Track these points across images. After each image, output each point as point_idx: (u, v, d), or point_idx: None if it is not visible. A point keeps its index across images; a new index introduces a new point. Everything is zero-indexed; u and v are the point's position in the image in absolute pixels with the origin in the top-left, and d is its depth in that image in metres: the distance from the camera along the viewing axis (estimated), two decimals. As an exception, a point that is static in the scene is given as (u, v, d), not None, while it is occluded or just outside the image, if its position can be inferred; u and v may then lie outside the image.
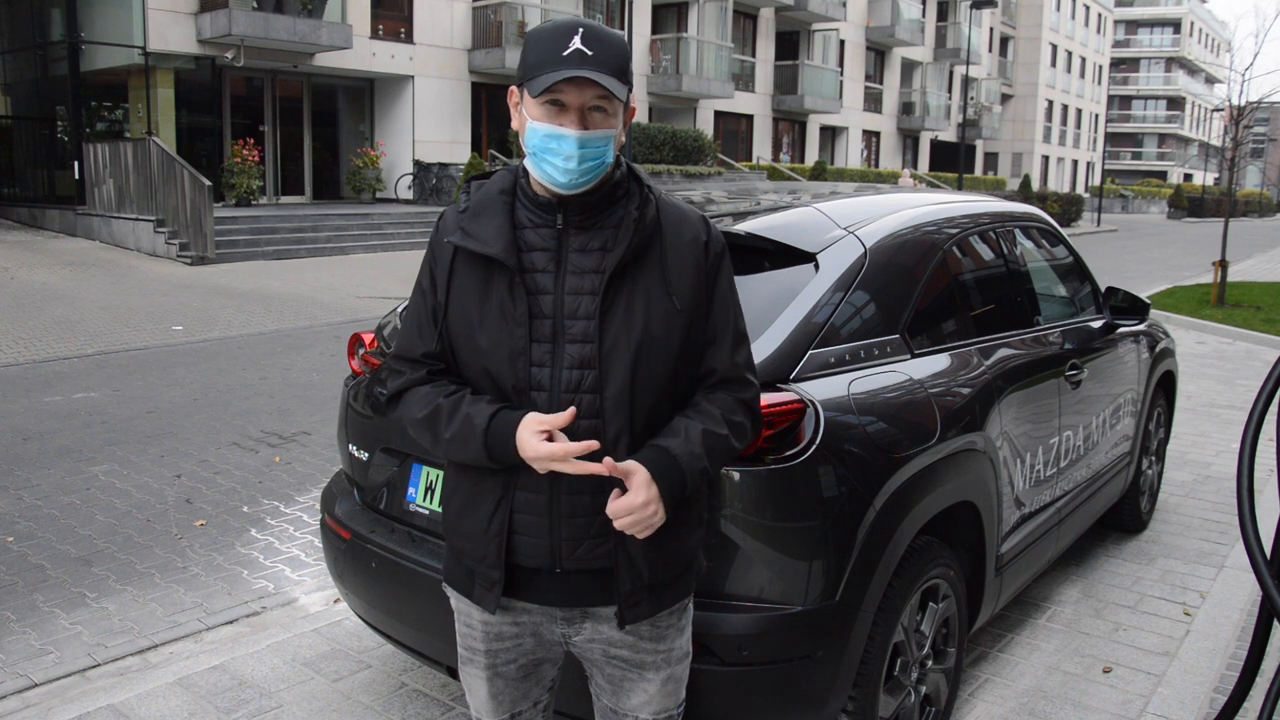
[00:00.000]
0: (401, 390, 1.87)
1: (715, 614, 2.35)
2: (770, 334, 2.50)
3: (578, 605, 1.85)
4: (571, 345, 1.74)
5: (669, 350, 1.77)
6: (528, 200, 1.80)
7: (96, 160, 17.84)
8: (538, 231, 1.78)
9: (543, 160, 1.72)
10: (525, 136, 1.75)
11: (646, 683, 1.93)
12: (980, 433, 3.00)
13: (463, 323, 1.80)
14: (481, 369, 1.79)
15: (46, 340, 9.97)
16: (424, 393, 1.82)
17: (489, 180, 1.88)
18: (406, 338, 1.88)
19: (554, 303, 1.74)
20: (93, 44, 18.48)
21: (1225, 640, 3.76)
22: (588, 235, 1.77)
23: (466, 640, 1.97)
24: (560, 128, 1.69)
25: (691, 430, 1.77)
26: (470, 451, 1.75)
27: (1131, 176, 77.92)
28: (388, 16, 22.06)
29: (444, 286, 1.82)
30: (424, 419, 1.80)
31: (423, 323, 1.85)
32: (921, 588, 2.75)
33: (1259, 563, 1.80)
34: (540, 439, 1.67)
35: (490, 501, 1.81)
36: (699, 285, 1.81)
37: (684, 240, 1.83)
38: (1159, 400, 5.02)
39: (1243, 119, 16.44)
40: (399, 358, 1.88)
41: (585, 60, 1.67)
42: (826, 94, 33.73)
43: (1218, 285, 14.63)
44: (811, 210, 2.96)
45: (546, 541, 1.79)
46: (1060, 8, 53.73)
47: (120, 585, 4.26)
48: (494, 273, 1.77)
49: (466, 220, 1.81)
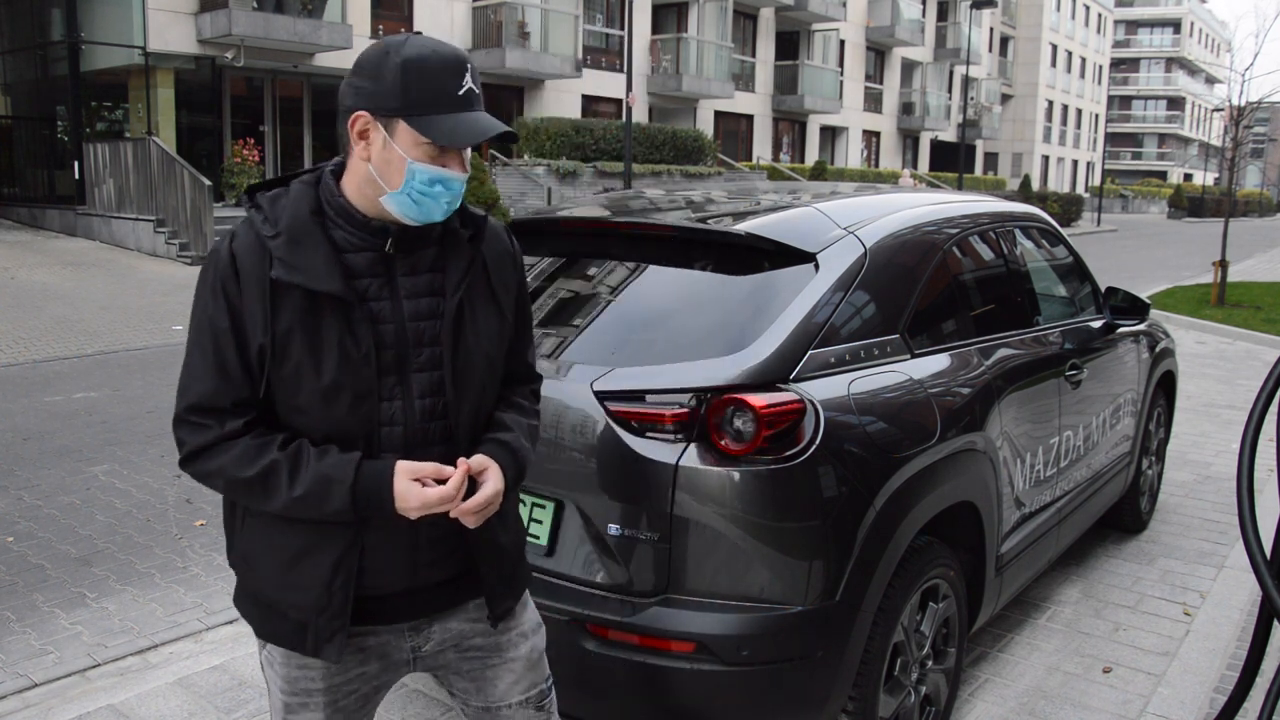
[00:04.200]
0: (209, 445, 1.61)
1: (715, 614, 2.36)
2: (770, 334, 2.50)
3: (429, 614, 1.81)
4: (419, 374, 1.67)
5: (500, 364, 1.81)
6: (346, 221, 1.65)
7: (96, 160, 17.83)
8: (361, 255, 1.65)
9: (421, 203, 1.61)
10: (395, 174, 1.60)
11: (511, 663, 1.91)
12: (980, 433, 3.00)
13: (290, 366, 1.60)
14: (311, 416, 1.63)
15: (46, 340, 9.97)
16: (245, 446, 1.61)
17: (289, 197, 1.66)
18: (205, 385, 1.61)
19: (395, 332, 1.65)
20: (93, 44, 18.48)
21: (1225, 640, 3.76)
22: (413, 257, 1.69)
23: (299, 684, 1.78)
24: (450, 172, 1.61)
25: (518, 424, 1.83)
26: (327, 508, 1.60)
27: (1131, 176, 77.91)
28: (388, 16, 22.08)
29: (258, 324, 1.59)
30: (254, 477, 1.59)
31: (228, 365, 1.60)
32: (921, 588, 2.75)
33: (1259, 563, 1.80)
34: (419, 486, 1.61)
35: (334, 550, 1.67)
36: (515, 297, 1.84)
37: (500, 254, 1.82)
38: (1159, 400, 5.02)
39: (1243, 119, 16.44)
40: (198, 409, 1.62)
41: (474, 101, 1.61)
42: (826, 94, 33.72)
43: (1218, 285, 14.63)
44: (811, 210, 2.96)
45: (406, 567, 1.73)
46: (1060, 8, 53.72)
47: (120, 585, 4.25)
48: (324, 308, 1.60)
49: (282, 249, 1.59)
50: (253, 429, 1.63)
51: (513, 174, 21.03)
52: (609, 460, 2.42)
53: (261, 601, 1.75)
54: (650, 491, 2.37)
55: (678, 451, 2.36)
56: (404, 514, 1.62)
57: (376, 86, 1.59)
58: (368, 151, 1.62)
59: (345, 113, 1.63)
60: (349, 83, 1.62)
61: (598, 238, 3.11)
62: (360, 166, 1.63)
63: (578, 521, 2.50)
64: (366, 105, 1.60)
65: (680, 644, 2.35)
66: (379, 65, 1.59)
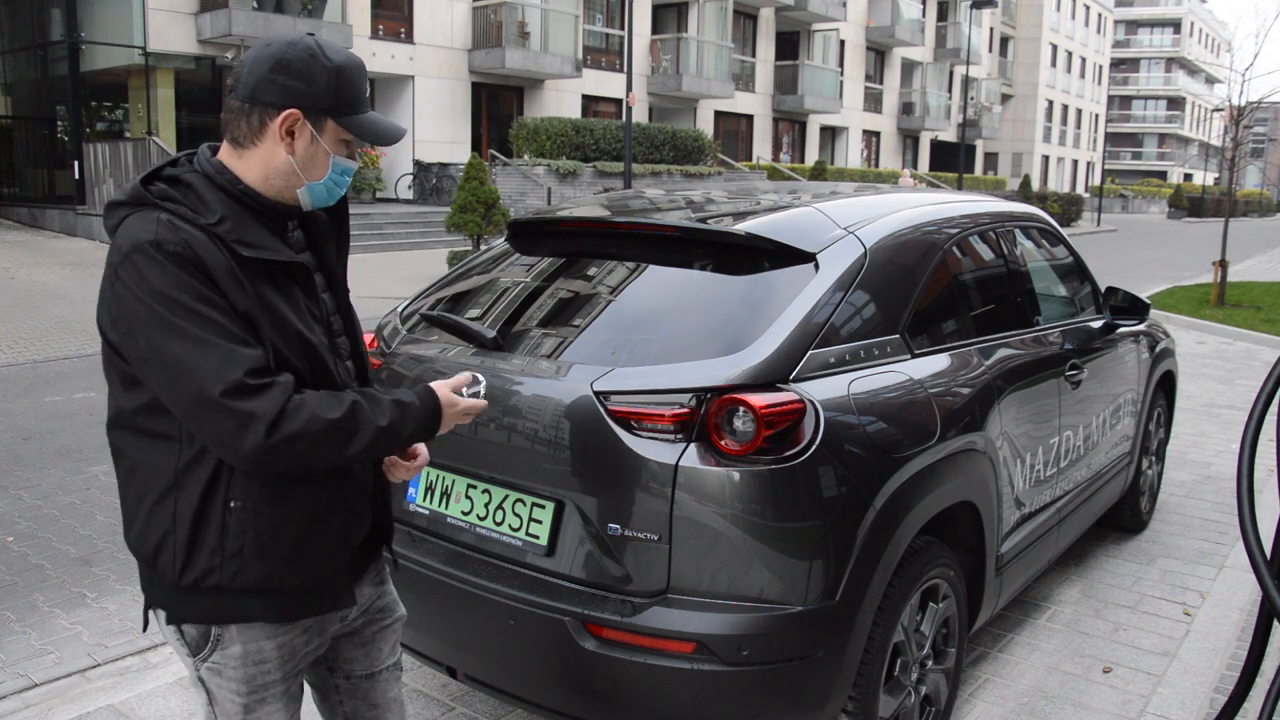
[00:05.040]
0: (286, 401, 1.58)
1: (715, 614, 2.36)
2: (770, 334, 2.50)
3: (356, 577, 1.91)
4: (339, 339, 1.87)
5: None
6: (258, 204, 1.73)
7: (96, 160, 17.84)
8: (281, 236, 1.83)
9: (332, 191, 1.80)
10: (319, 166, 1.75)
11: (396, 623, 2.06)
12: (980, 433, 3.00)
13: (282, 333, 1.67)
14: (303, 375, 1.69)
15: (46, 340, 9.97)
16: (316, 396, 1.64)
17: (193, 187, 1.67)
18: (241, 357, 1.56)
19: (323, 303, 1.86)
20: (93, 44, 18.49)
21: (1225, 640, 3.76)
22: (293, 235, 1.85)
23: (257, 681, 1.78)
24: (354, 163, 1.82)
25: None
26: (404, 433, 1.73)
27: (1131, 176, 77.91)
28: (388, 16, 22.08)
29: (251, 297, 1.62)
30: (344, 417, 1.62)
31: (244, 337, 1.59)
32: (921, 588, 2.75)
33: (1259, 563, 1.80)
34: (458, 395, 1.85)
35: (343, 508, 1.80)
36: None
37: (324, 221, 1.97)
38: (1159, 400, 5.02)
39: (1243, 119, 16.43)
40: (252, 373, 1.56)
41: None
42: (826, 94, 33.73)
43: (1218, 285, 14.63)
44: (811, 210, 2.96)
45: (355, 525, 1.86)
46: (1060, 8, 53.72)
47: (120, 585, 4.25)
48: (280, 278, 1.71)
49: (234, 232, 1.64)
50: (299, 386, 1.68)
51: (513, 174, 21.03)
52: (609, 460, 2.42)
53: (268, 588, 1.70)
54: (650, 491, 2.37)
55: (678, 451, 2.36)
56: (452, 420, 1.83)
57: (310, 89, 1.70)
58: (293, 146, 1.72)
59: (267, 108, 1.69)
60: (275, 82, 1.68)
61: (598, 238, 3.11)
62: (277, 159, 1.72)
63: (578, 521, 2.50)
64: (298, 104, 1.70)
65: (680, 644, 2.35)
66: (310, 69, 1.70)
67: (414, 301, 3.26)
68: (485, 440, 2.65)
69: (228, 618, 1.73)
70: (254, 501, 1.66)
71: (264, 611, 1.74)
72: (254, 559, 1.68)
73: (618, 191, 4.18)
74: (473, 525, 2.69)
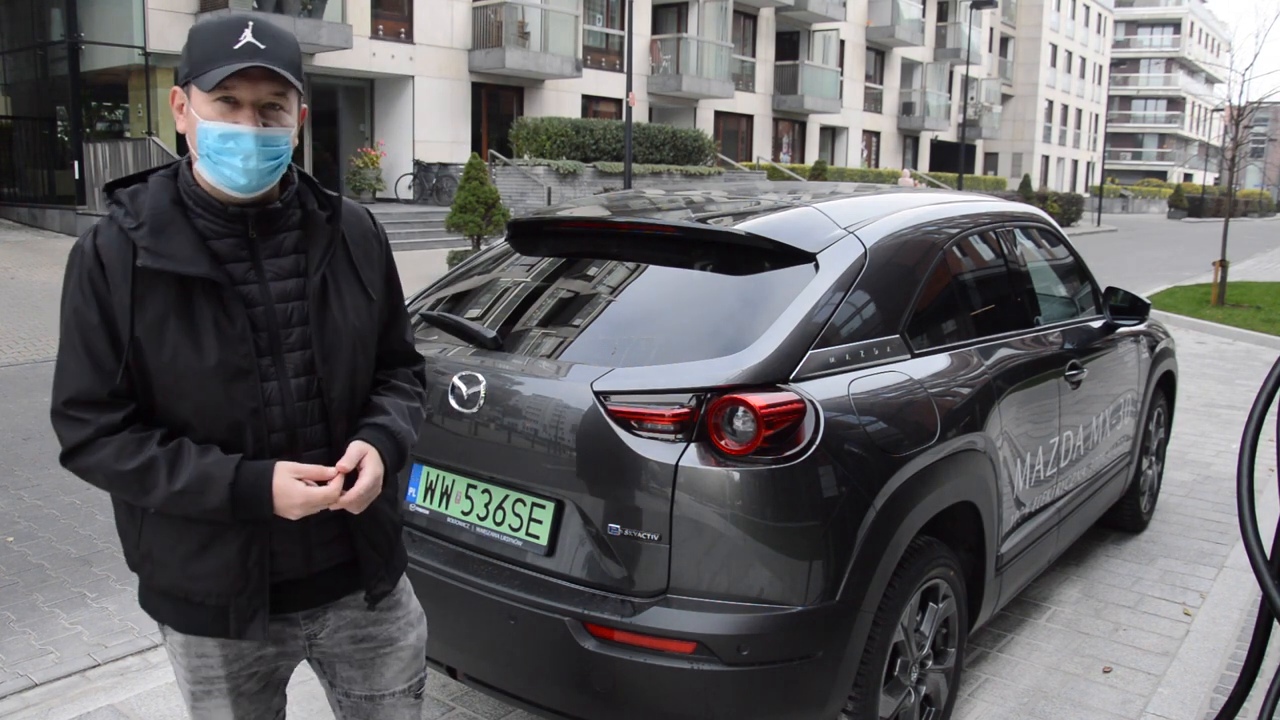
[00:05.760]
0: (88, 440, 1.63)
1: (715, 614, 2.36)
2: (770, 334, 2.50)
3: (323, 603, 1.87)
4: (291, 354, 1.72)
5: (372, 342, 1.86)
6: (205, 209, 1.68)
7: (97, 160, 17.83)
8: (225, 242, 1.69)
9: (220, 164, 1.63)
10: (196, 139, 1.65)
11: (400, 651, 1.98)
12: (980, 433, 3.00)
13: (168, 351, 1.63)
14: (195, 400, 1.65)
15: (47, 340, 9.97)
16: (124, 441, 1.63)
17: (148, 190, 1.69)
18: (79, 379, 1.63)
19: (265, 314, 1.70)
20: (93, 44, 18.48)
21: (1225, 640, 3.76)
22: (276, 240, 1.73)
23: (200, 673, 1.82)
24: (236, 126, 1.62)
25: (396, 407, 1.86)
26: (204, 505, 1.63)
27: (1131, 176, 77.91)
28: (388, 16, 22.07)
29: (127, 316, 1.61)
30: (133, 471, 1.62)
31: (101, 359, 1.63)
32: (921, 588, 2.75)
33: (1259, 563, 1.80)
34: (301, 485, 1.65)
35: (241, 533, 1.70)
36: (382, 276, 1.89)
37: (362, 233, 1.87)
38: (1159, 400, 5.02)
39: (1243, 119, 16.42)
40: (75, 402, 1.63)
41: (258, 53, 1.61)
42: (826, 94, 33.73)
43: (1218, 285, 14.63)
44: (811, 210, 2.96)
45: (300, 552, 1.78)
46: (1060, 8, 53.72)
47: (120, 585, 4.25)
48: (197, 292, 1.64)
49: (146, 238, 1.62)
50: (131, 423, 1.66)
51: (513, 174, 21.03)
52: (609, 460, 2.42)
53: (175, 595, 1.77)
54: (650, 491, 2.37)
55: (678, 451, 2.36)
56: (284, 514, 1.66)
57: (181, 60, 1.66)
58: (183, 124, 1.69)
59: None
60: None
61: (598, 238, 3.11)
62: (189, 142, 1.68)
63: (578, 521, 2.50)
64: (176, 80, 1.68)
65: (680, 644, 2.35)
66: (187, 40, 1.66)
67: (414, 301, 3.26)
68: (485, 440, 2.65)
69: (154, 614, 1.83)
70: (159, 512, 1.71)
71: (172, 617, 1.80)
72: (161, 564, 1.75)
73: (618, 191, 4.18)
74: (473, 525, 2.69)
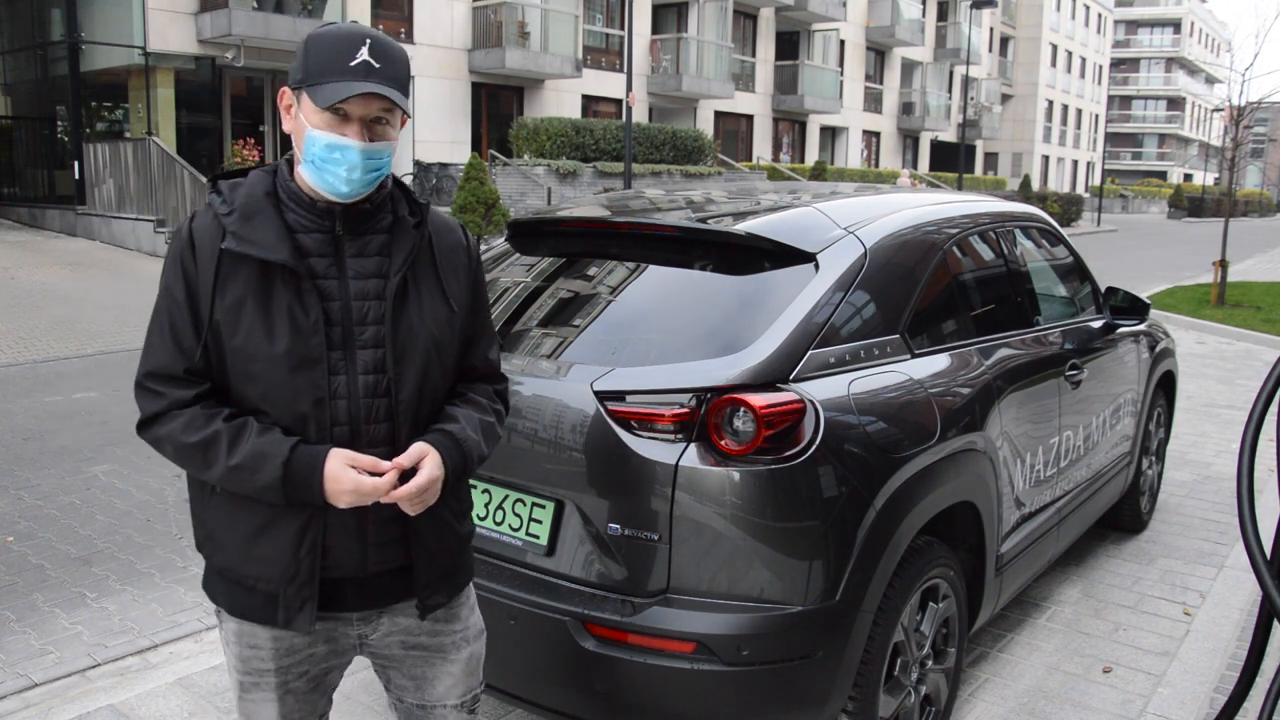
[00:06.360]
0: (161, 412, 1.71)
1: (715, 614, 2.36)
2: (770, 334, 2.50)
3: (378, 606, 1.86)
4: (363, 351, 1.75)
5: (450, 351, 1.86)
6: (296, 204, 1.74)
7: (96, 160, 17.84)
8: (312, 236, 1.74)
9: (324, 171, 1.70)
10: (303, 144, 1.71)
11: (450, 665, 1.97)
12: (980, 433, 3.00)
13: (242, 335, 1.68)
14: (264, 384, 1.69)
15: (46, 340, 9.97)
16: (193, 415, 1.69)
17: (245, 182, 1.77)
18: (161, 353, 1.72)
19: (341, 309, 1.73)
20: (93, 44, 18.47)
21: (1225, 640, 3.76)
22: (362, 240, 1.77)
23: (250, 664, 1.84)
24: (345, 139, 1.68)
25: (468, 418, 1.86)
26: (258, 482, 1.66)
27: (1131, 176, 77.89)
28: (388, 16, 22.07)
29: (209, 297, 1.69)
30: (198, 443, 1.67)
31: (182, 336, 1.70)
32: (921, 588, 2.75)
33: (1259, 563, 1.80)
34: (352, 472, 1.66)
35: (297, 522, 1.72)
36: (467, 288, 1.89)
37: (451, 244, 1.89)
38: (1159, 400, 5.02)
39: (1243, 119, 16.43)
40: (154, 375, 1.71)
41: (373, 73, 1.67)
42: (826, 94, 33.71)
43: (1218, 285, 14.63)
44: (811, 210, 2.96)
45: (356, 550, 1.78)
46: (1060, 8, 53.70)
47: (120, 585, 4.26)
48: (276, 280, 1.69)
49: (236, 224, 1.70)
50: (203, 400, 1.71)
51: (513, 174, 21.03)
52: (609, 460, 2.42)
53: (229, 577, 1.80)
54: (650, 491, 2.37)
55: (678, 451, 2.36)
56: (334, 499, 1.67)
57: (294, 64, 1.72)
58: (289, 124, 1.76)
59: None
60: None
61: (598, 238, 3.11)
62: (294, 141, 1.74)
63: (578, 521, 2.50)
64: (289, 82, 1.74)
65: (680, 644, 2.35)
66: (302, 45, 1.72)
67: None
68: (485, 440, 2.64)
69: (211, 595, 1.87)
70: (222, 493, 1.77)
71: (225, 599, 1.83)
72: (220, 545, 1.79)
73: (618, 191, 4.18)
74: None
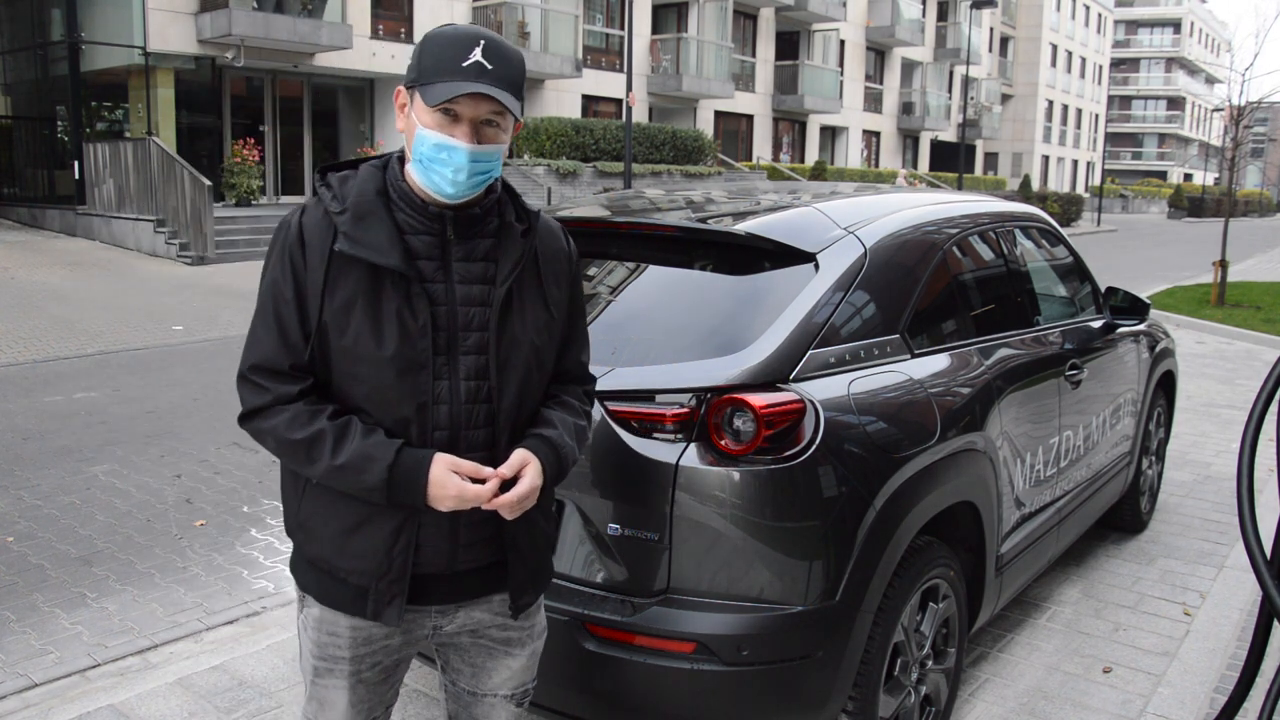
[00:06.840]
0: (265, 406, 1.72)
1: (715, 614, 2.36)
2: (770, 334, 2.50)
3: (460, 601, 1.88)
4: (466, 357, 1.74)
5: (549, 358, 1.86)
6: (408, 205, 1.74)
7: (96, 160, 17.83)
8: (420, 238, 1.73)
9: (431, 170, 1.69)
10: (413, 143, 1.71)
11: (512, 659, 1.99)
12: (980, 433, 3.00)
13: (350, 336, 1.69)
14: (369, 386, 1.70)
15: (46, 340, 9.97)
16: (298, 411, 1.70)
17: (357, 178, 1.77)
18: (266, 347, 1.72)
19: (447, 314, 1.73)
20: (93, 44, 18.47)
21: (1225, 640, 3.76)
22: (469, 244, 1.76)
23: (327, 650, 1.87)
24: (452, 139, 1.67)
25: (564, 422, 1.87)
26: (363, 483, 1.67)
27: (1131, 176, 77.90)
28: (388, 16, 22.06)
29: (318, 296, 1.69)
30: (302, 441, 1.68)
31: (289, 331, 1.71)
32: (921, 588, 2.75)
33: (1259, 563, 1.80)
34: (456, 478, 1.68)
35: (393, 521, 1.74)
36: (566, 294, 1.89)
37: (554, 251, 1.88)
38: (1159, 400, 5.02)
39: (1243, 119, 16.43)
40: (260, 369, 1.72)
41: (484, 74, 1.66)
42: (826, 94, 33.71)
43: (1218, 285, 14.63)
44: (811, 210, 2.96)
45: (447, 549, 1.80)
46: (1060, 8, 53.70)
47: (120, 585, 4.25)
48: (386, 282, 1.69)
49: (347, 224, 1.69)
50: (307, 396, 1.72)
51: (513, 174, 21.03)
52: (609, 460, 2.42)
53: (321, 567, 1.82)
54: (650, 491, 2.37)
55: (678, 451, 2.36)
56: (436, 504, 1.69)
57: (410, 63, 1.74)
58: (402, 123, 1.76)
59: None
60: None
61: (598, 238, 3.11)
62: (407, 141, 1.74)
63: (578, 521, 2.50)
64: (405, 81, 1.74)
65: (680, 644, 2.35)
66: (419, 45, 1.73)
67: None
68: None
69: (300, 582, 1.89)
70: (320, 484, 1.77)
71: (315, 588, 1.85)
72: (314, 535, 1.81)
73: (618, 191, 4.18)
74: (473, 525, 2.69)
